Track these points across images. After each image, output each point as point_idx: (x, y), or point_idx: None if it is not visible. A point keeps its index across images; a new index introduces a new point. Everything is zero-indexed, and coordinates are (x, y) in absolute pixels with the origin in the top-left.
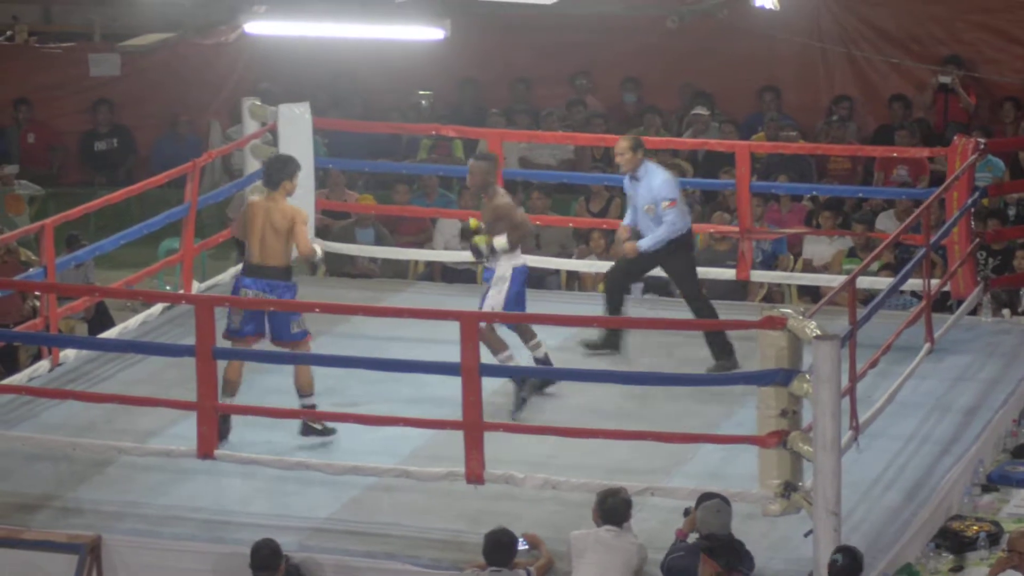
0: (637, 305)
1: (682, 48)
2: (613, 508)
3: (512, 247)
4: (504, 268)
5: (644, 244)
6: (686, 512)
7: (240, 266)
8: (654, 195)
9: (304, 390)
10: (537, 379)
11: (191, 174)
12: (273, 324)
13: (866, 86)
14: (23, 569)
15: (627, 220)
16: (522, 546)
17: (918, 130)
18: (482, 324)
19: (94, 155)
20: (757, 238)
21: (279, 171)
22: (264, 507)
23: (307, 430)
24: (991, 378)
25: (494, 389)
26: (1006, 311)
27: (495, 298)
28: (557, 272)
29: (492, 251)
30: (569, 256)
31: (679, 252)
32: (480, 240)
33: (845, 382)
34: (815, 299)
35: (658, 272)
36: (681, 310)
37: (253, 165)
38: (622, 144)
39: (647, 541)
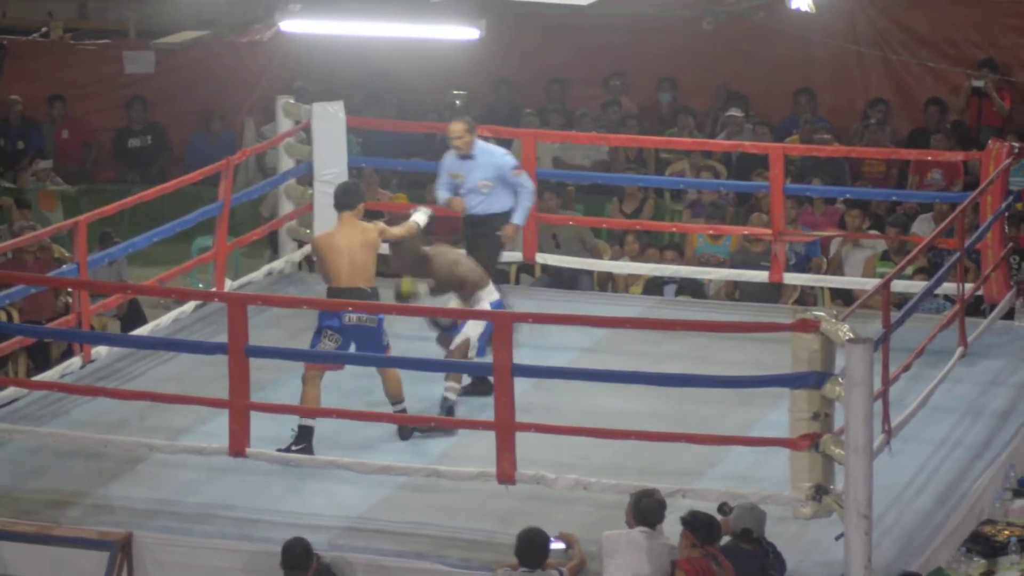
0: (669, 307)
1: (717, 50)
2: (647, 509)
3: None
4: (483, 304)
5: (519, 219)
6: (722, 509)
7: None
8: (498, 167)
9: (395, 396)
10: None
11: (225, 172)
12: (368, 341)
13: (901, 89)
14: (54, 566)
15: (443, 198)
16: (557, 545)
17: (953, 134)
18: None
19: (128, 152)
20: (790, 240)
21: (355, 193)
22: (295, 506)
23: (405, 434)
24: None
25: (525, 389)
26: None
27: (474, 329)
28: (590, 272)
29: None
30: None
31: (500, 226)
32: (407, 288)
33: (878, 385)
34: (848, 302)
35: (692, 274)
36: (716, 312)
37: (287, 163)
38: (460, 127)
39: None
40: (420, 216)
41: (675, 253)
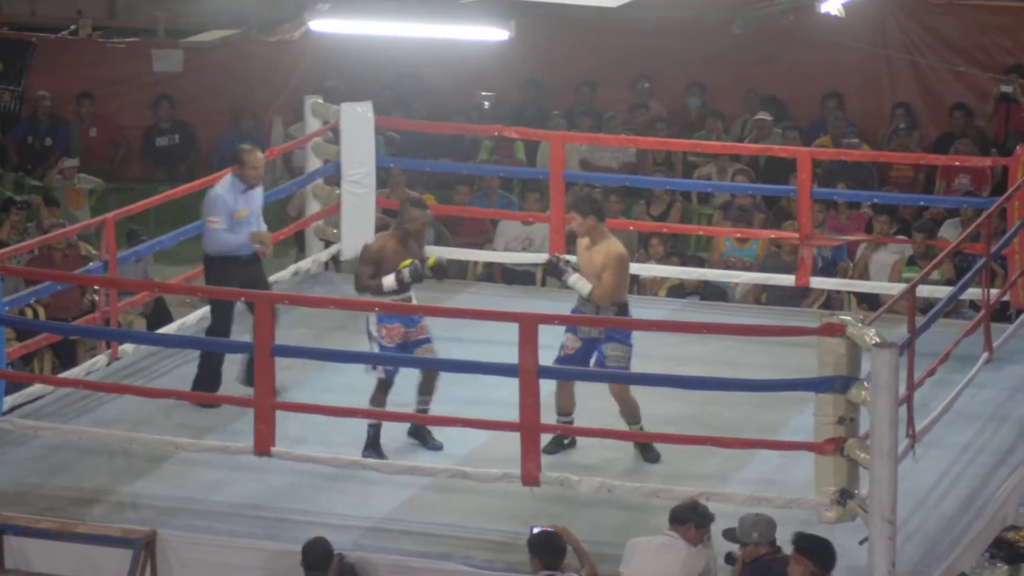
0: (694, 310)
1: (747, 54)
2: (673, 510)
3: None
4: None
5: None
6: (729, 559)
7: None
8: (262, 195)
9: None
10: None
11: None
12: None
13: (929, 95)
14: (78, 563)
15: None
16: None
17: (979, 139)
18: None
19: (155, 150)
20: (817, 244)
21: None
22: (320, 505)
23: (555, 447)
24: None
25: (551, 391)
26: None
27: None
28: None
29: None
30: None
31: None
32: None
33: (903, 390)
34: (873, 307)
35: (718, 277)
36: (741, 315)
37: (314, 163)
38: (262, 156)
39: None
40: None
41: (698, 263)
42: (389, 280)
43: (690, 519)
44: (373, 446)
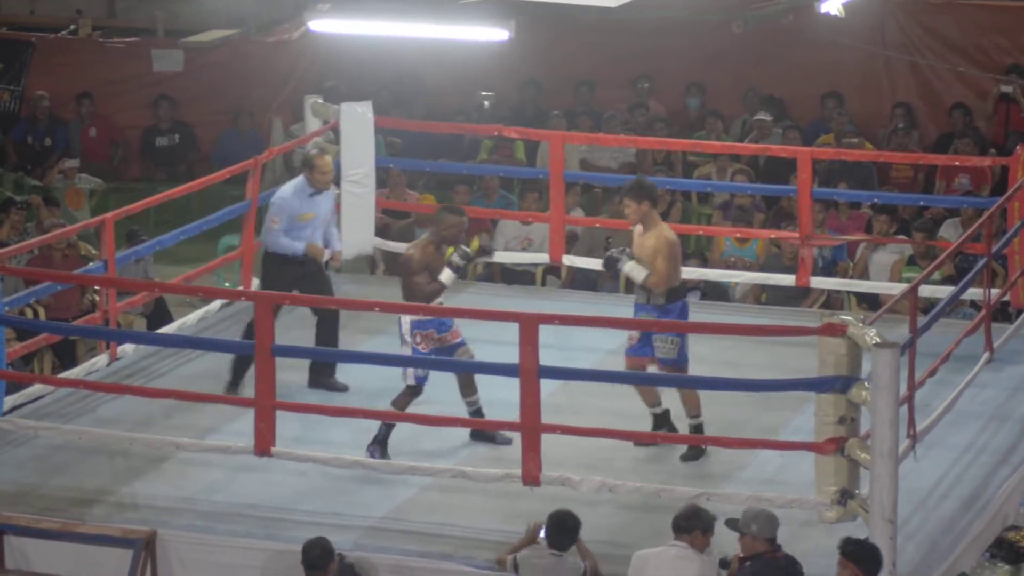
0: (694, 310)
1: (746, 53)
2: (676, 518)
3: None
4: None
5: (340, 246)
6: (722, 564)
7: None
8: (334, 201)
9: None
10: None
11: (253, 171)
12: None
13: (929, 94)
14: (78, 563)
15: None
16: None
17: (979, 139)
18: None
19: (155, 150)
20: (817, 244)
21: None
22: (320, 505)
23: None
24: None
25: (552, 391)
26: None
27: None
28: (616, 275)
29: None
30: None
31: None
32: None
33: (903, 390)
34: (873, 307)
35: (718, 277)
36: (742, 315)
37: None
38: (331, 161)
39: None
40: None
41: (698, 261)
42: (447, 274)
43: (695, 526)
44: (381, 444)
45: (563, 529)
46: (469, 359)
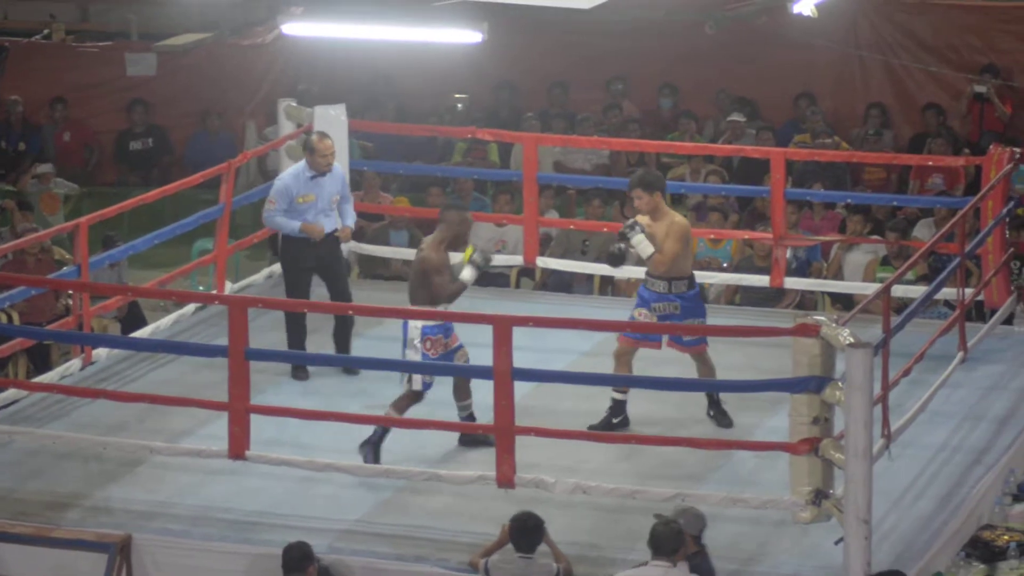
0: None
1: (719, 54)
2: (659, 537)
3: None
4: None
5: (353, 222)
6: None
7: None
8: (343, 182)
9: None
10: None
11: (226, 175)
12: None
13: (903, 95)
14: (53, 568)
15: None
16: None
17: (952, 139)
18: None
19: (129, 154)
20: (791, 245)
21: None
22: (294, 509)
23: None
24: (1023, 388)
25: (526, 392)
26: None
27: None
28: (590, 277)
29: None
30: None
31: None
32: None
33: (877, 390)
34: (848, 307)
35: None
36: (717, 316)
37: (288, 166)
38: (332, 144)
39: None
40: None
41: None
42: (468, 273)
43: (679, 547)
44: (374, 445)
45: (524, 531)
46: (465, 362)
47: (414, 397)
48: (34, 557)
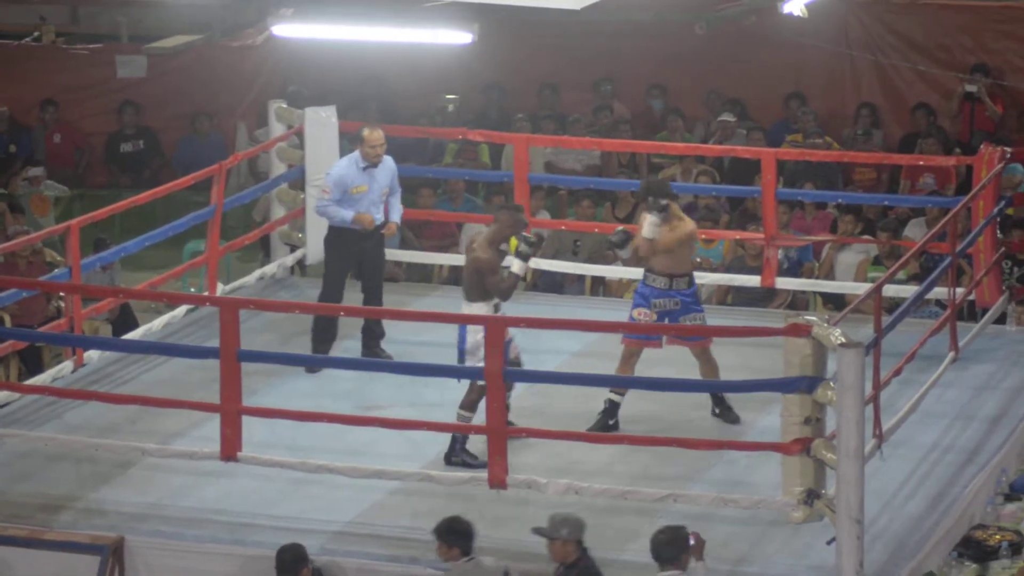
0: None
1: (709, 55)
2: (657, 543)
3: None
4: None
5: (399, 217)
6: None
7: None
8: (392, 174)
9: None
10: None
11: (217, 176)
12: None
13: (893, 94)
14: (45, 570)
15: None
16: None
17: (943, 138)
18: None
19: (119, 156)
20: (782, 245)
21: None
22: (287, 510)
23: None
24: (1015, 387)
25: (518, 393)
26: None
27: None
28: (581, 278)
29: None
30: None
31: None
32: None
33: (869, 390)
34: (839, 307)
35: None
36: (708, 316)
37: (279, 168)
38: (382, 135)
39: None
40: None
41: None
42: (517, 266)
43: (682, 552)
44: (464, 445)
45: (460, 533)
46: (517, 356)
47: (483, 392)
48: (26, 559)
